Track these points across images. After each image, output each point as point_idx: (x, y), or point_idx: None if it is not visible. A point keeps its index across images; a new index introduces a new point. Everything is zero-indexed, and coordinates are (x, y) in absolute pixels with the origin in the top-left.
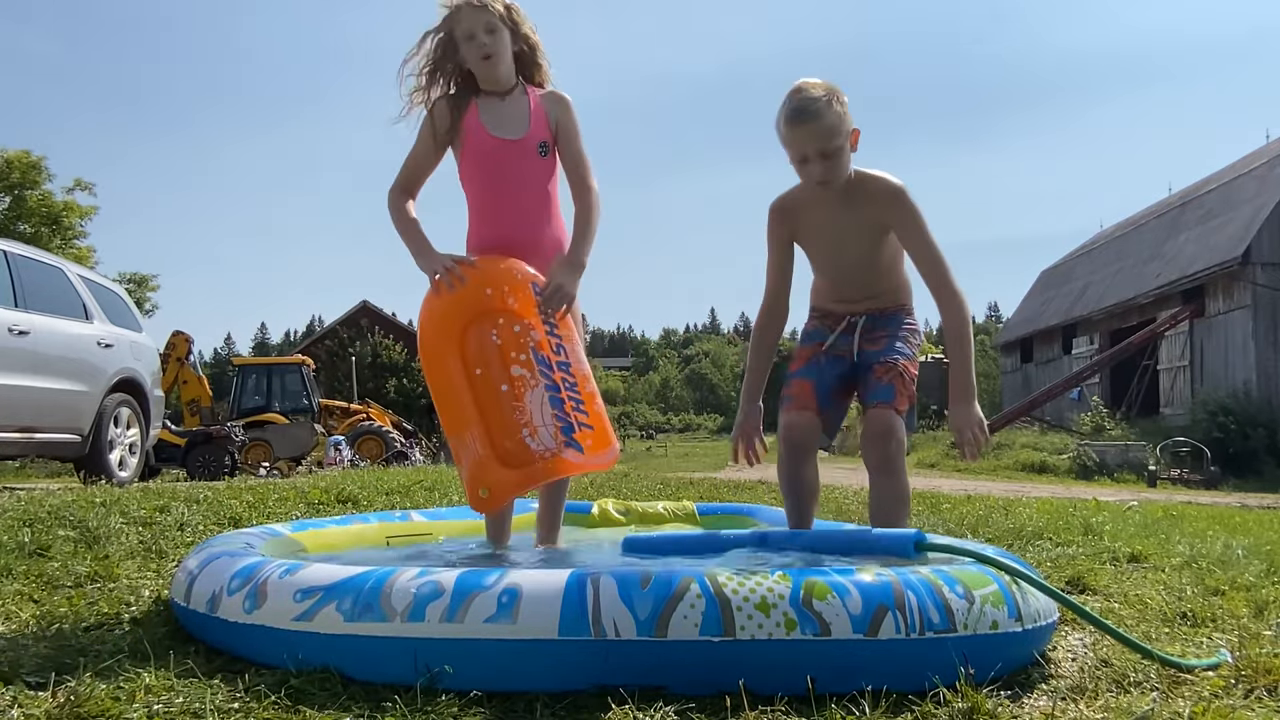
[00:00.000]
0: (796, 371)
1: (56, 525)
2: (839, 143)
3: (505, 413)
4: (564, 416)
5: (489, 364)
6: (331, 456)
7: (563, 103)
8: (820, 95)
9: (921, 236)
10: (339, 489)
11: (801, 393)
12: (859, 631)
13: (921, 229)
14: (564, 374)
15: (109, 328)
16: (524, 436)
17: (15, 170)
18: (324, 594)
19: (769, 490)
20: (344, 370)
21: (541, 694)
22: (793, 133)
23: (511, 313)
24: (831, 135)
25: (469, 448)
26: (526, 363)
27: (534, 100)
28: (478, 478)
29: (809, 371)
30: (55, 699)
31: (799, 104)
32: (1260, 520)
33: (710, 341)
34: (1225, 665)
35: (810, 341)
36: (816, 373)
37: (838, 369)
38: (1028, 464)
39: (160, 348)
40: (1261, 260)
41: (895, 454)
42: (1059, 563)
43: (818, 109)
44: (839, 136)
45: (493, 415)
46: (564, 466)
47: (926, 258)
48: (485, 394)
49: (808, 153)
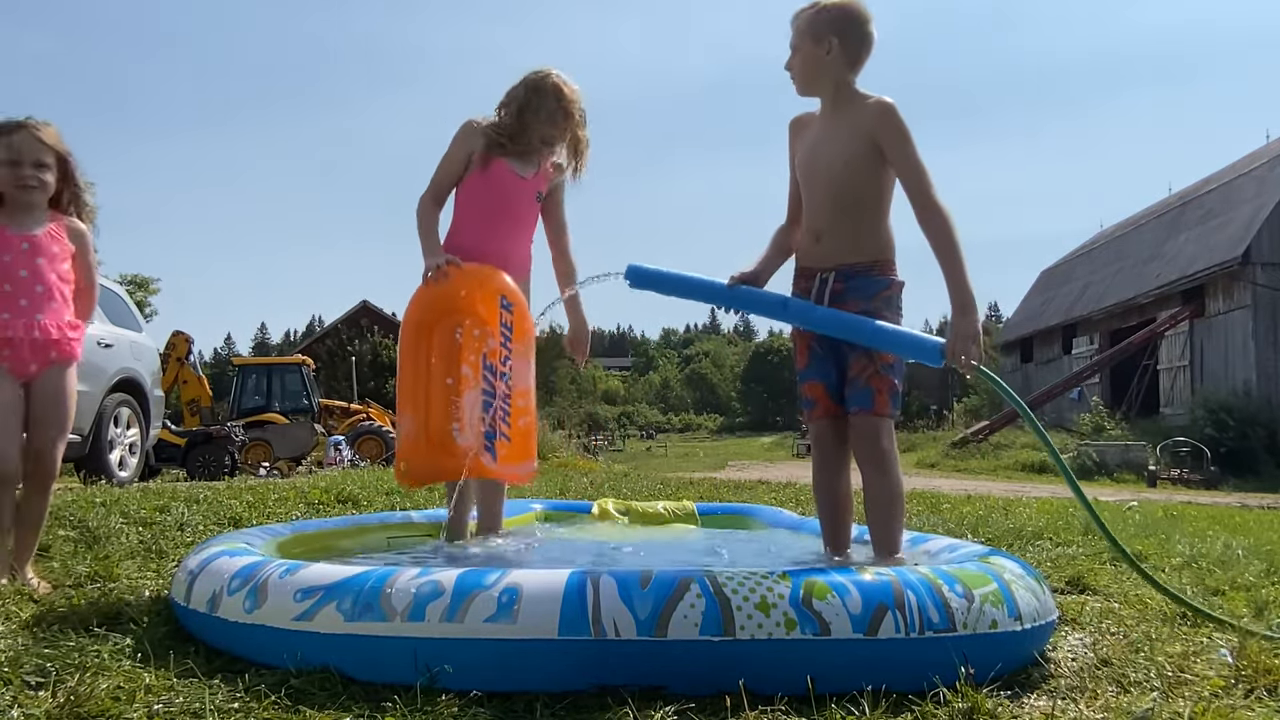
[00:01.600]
0: (804, 372)
1: (56, 525)
2: (795, 40)
3: (444, 404)
4: (490, 423)
5: (445, 357)
6: (331, 456)
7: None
8: (821, 2)
9: (906, 151)
10: (339, 489)
11: (817, 396)
12: (859, 631)
13: (907, 143)
14: (504, 385)
15: (109, 328)
16: (453, 429)
17: None
18: (324, 594)
19: (769, 490)
20: (344, 370)
21: (541, 694)
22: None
23: (477, 317)
24: (795, 32)
25: (406, 425)
26: (474, 364)
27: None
28: (405, 453)
29: (816, 371)
30: (55, 699)
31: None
32: (1260, 520)
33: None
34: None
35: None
36: (822, 370)
37: (835, 352)
38: (1028, 464)
39: (160, 348)
40: (1261, 260)
41: (886, 452)
42: (1059, 563)
43: (799, 10)
44: (797, 35)
45: (435, 403)
46: (479, 468)
47: (909, 172)
48: (434, 382)
49: (790, 43)
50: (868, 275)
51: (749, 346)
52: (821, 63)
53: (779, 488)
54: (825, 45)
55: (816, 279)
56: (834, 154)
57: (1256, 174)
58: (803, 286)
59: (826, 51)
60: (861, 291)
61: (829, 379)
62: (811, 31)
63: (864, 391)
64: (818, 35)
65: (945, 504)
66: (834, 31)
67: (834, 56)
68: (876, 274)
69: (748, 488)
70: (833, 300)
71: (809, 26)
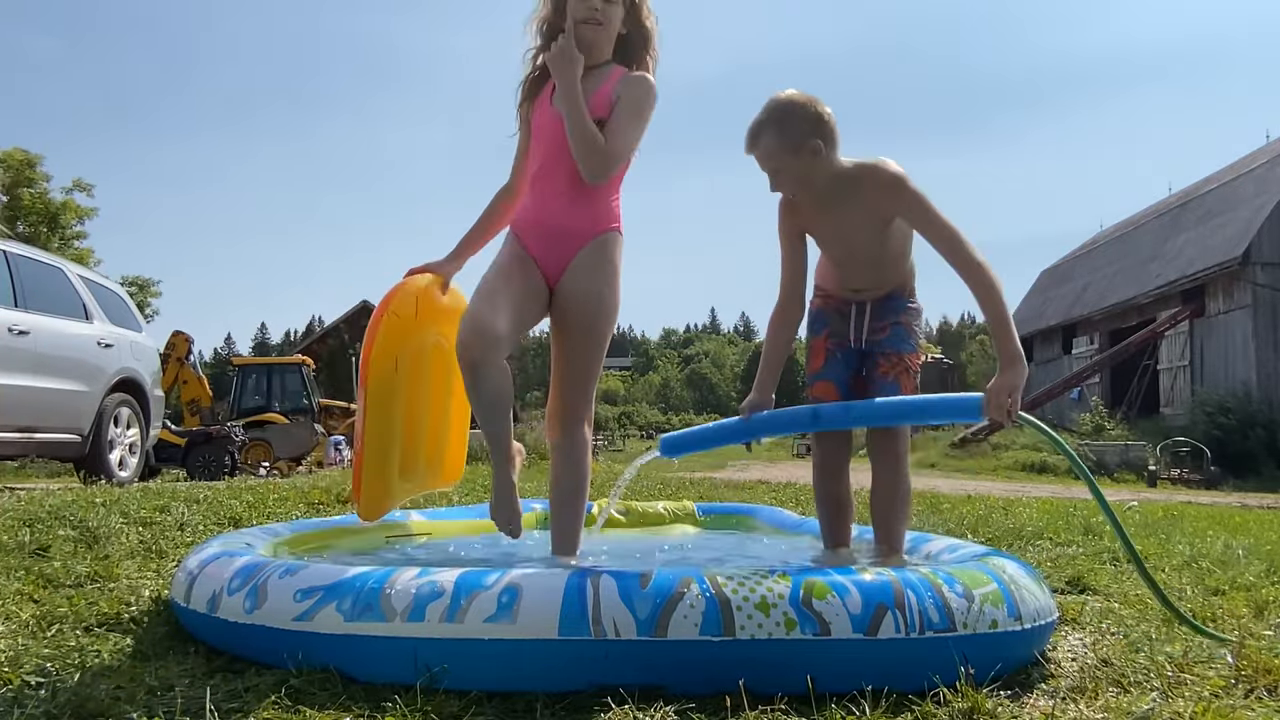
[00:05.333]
0: (817, 373)
1: (56, 525)
2: (774, 165)
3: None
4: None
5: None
6: (331, 456)
7: (632, 81)
8: (762, 119)
9: (931, 220)
10: (339, 489)
11: (827, 396)
12: (859, 631)
13: (929, 212)
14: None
15: (109, 328)
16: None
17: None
18: (324, 594)
19: (769, 490)
20: (344, 370)
21: (541, 694)
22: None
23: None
24: (767, 159)
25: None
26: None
27: (611, 82)
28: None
29: (829, 372)
30: (55, 699)
31: (748, 130)
32: (1260, 520)
33: (710, 341)
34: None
35: (819, 329)
36: (835, 372)
37: (851, 359)
38: (1028, 464)
39: (160, 348)
40: (1261, 260)
41: (901, 453)
42: (1059, 563)
43: (751, 137)
44: (773, 159)
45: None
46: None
47: (942, 238)
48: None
49: (766, 171)
50: (899, 299)
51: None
52: (816, 167)
53: (779, 488)
54: (810, 150)
55: (853, 308)
56: (862, 232)
57: (1256, 174)
58: (833, 306)
59: (814, 154)
60: (892, 310)
61: (842, 381)
62: (788, 147)
63: (892, 385)
64: (796, 147)
65: (945, 504)
66: (811, 135)
67: (821, 155)
68: (903, 296)
69: (748, 488)
70: (870, 318)
71: (781, 144)
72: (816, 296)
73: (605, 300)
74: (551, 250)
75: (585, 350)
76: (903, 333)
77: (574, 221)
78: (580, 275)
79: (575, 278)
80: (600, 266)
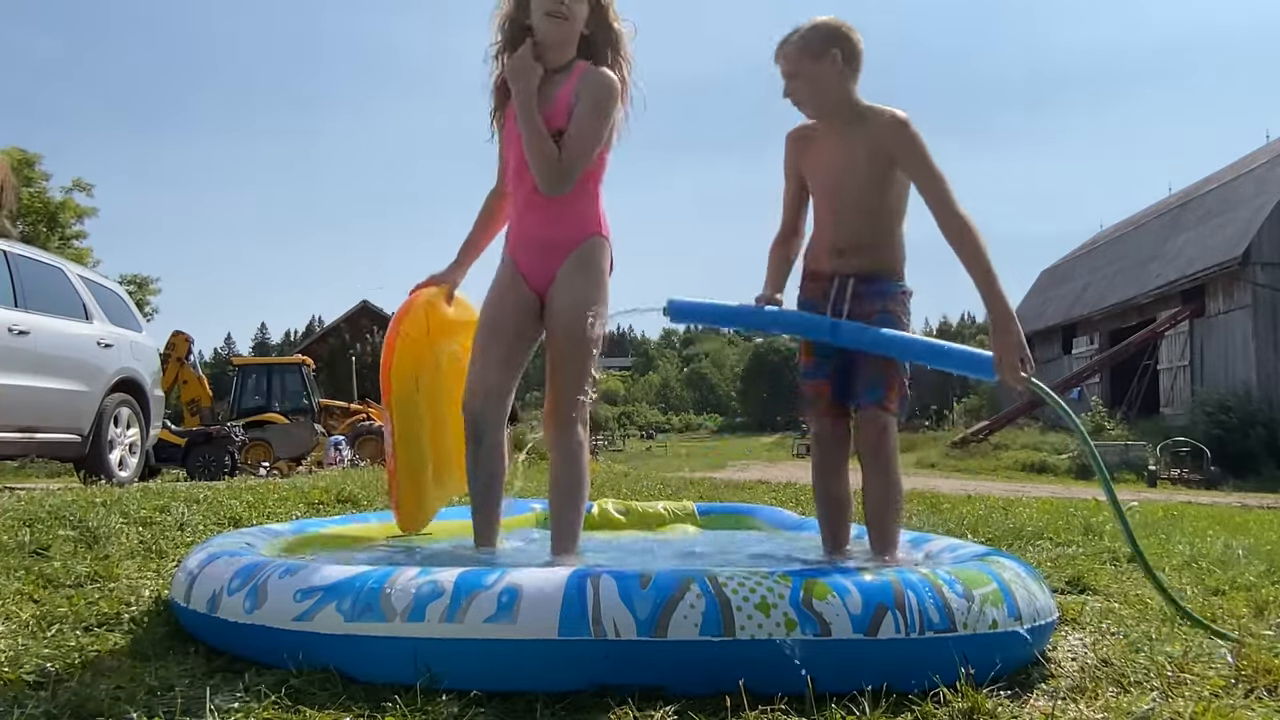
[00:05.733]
0: (809, 370)
1: (56, 525)
2: (792, 68)
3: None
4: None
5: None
6: (331, 456)
7: (591, 78)
8: (802, 27)
9: (926, 165)
10: (339, 489)
11: (819, 396)
12: (859, 631)
13: (925, 158)
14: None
15: (109, 328)
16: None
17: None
18: (324, 594)
19: (769, 490)
20: (344, 370)
21: (541, 694)
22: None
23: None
24: (787, 61)
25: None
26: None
27: (572, 81)
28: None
29: (821, 370)
30: (55, 699)
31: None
32: (1260, 520)
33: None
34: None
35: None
36: (828, 369)
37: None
38: (1027, 464)
39: (160, 348)
40: (1261, 260)
41: (889, 450)
42: (1059, 563)
43: (780, 43)
44: (792, 62)
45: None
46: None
47: (930, 183)
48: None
49: (784, 77)
50: (887, 280)
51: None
52: (830, 78)
53: (779, 488)
54: (829, 59)
55: (834, 282)
56: (858, 175)
57: (1256, 174)
58: (818, 290)
59: (832, 64)
60: (880, 294)
61: (834, 379)
62: (809, 51)
63: (878, 384)
64: (816, 53)
65: (945, 504)
66: (833, 45)
67: (840, 69)
68: (892, 280)
69: (748, 488)
70: (853, 301)
71: (804, 48)
72: (803, 284)
73: (592, 307)
74: (537, 263)
75: (576, 355)
76: (890, 321)
77: (554, 231)
78: (565, 285)
79: (561, 288)
80: (584, 273)
